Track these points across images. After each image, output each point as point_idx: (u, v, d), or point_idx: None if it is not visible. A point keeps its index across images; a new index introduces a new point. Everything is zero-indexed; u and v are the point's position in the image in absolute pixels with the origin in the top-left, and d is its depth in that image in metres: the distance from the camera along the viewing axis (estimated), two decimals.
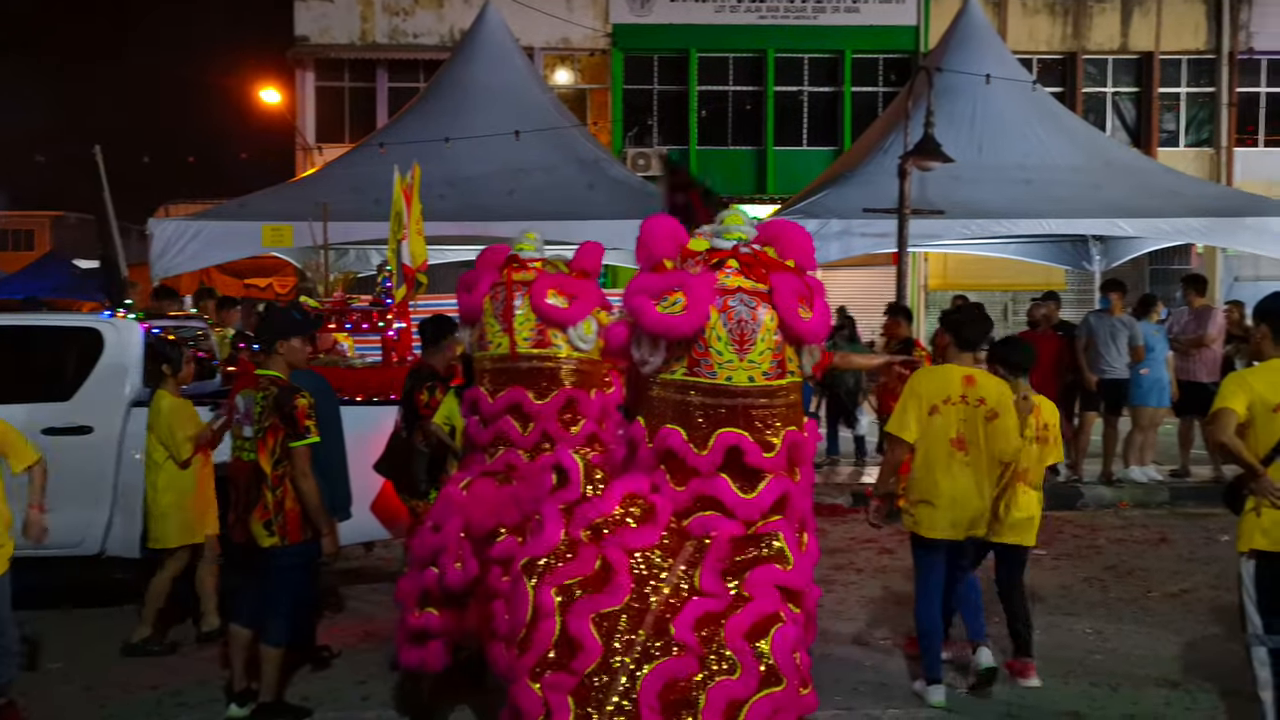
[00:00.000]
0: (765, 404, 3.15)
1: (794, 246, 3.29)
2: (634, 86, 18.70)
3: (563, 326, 4.04)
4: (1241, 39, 18.58)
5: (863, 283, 17.02)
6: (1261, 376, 3.96)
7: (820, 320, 3.20)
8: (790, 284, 3.16)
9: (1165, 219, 10.72)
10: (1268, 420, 3.88)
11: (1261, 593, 3.92)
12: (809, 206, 10.98)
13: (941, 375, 4.59)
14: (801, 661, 3.07)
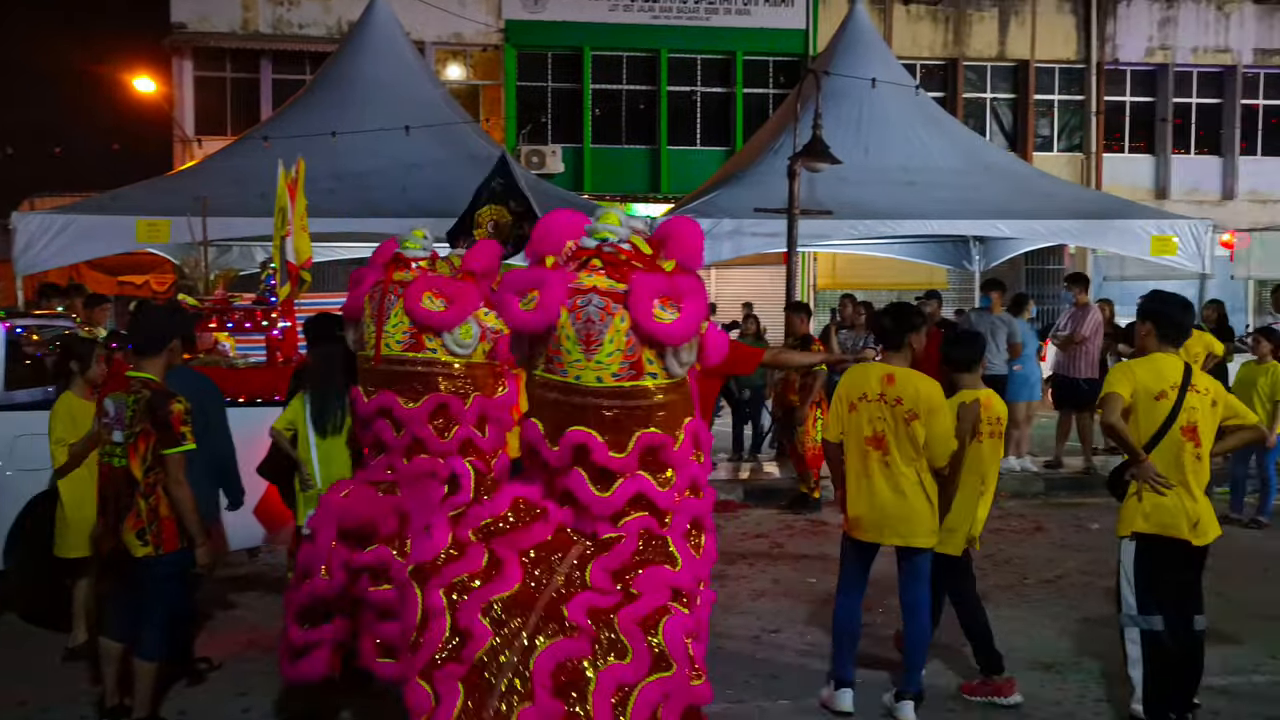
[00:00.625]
0: (617, 405, 3.15)
1: (679, 246, 3.29)
2: (527, 83, 18.57)
3: (437, 331, 3.92)
4: (1108, 50, 19.52)
5: (754, 282, 17.29)
6: (1144, 367, 4.23)
7: (684, 322, 3.13)
8: (649, 285, 3.13)
9: (1040, 221, 11.18)
10: (1150, 408, 4.15)
11: (1139, 574, 4.15)
12: (701, 206, 11.08)
13: (860, 372, 4.54)
14: (694, 651, 3.09)
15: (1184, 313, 4.33)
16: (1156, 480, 4.12)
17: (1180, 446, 4.16)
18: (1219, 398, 4.25)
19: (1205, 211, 16.77)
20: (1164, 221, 11.39)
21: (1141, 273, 16.23)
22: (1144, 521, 4.16)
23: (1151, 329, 4.30)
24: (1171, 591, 4.16)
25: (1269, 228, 19.76)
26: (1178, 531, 4.14)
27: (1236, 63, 19.69)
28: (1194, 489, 4.17)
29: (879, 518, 4.36)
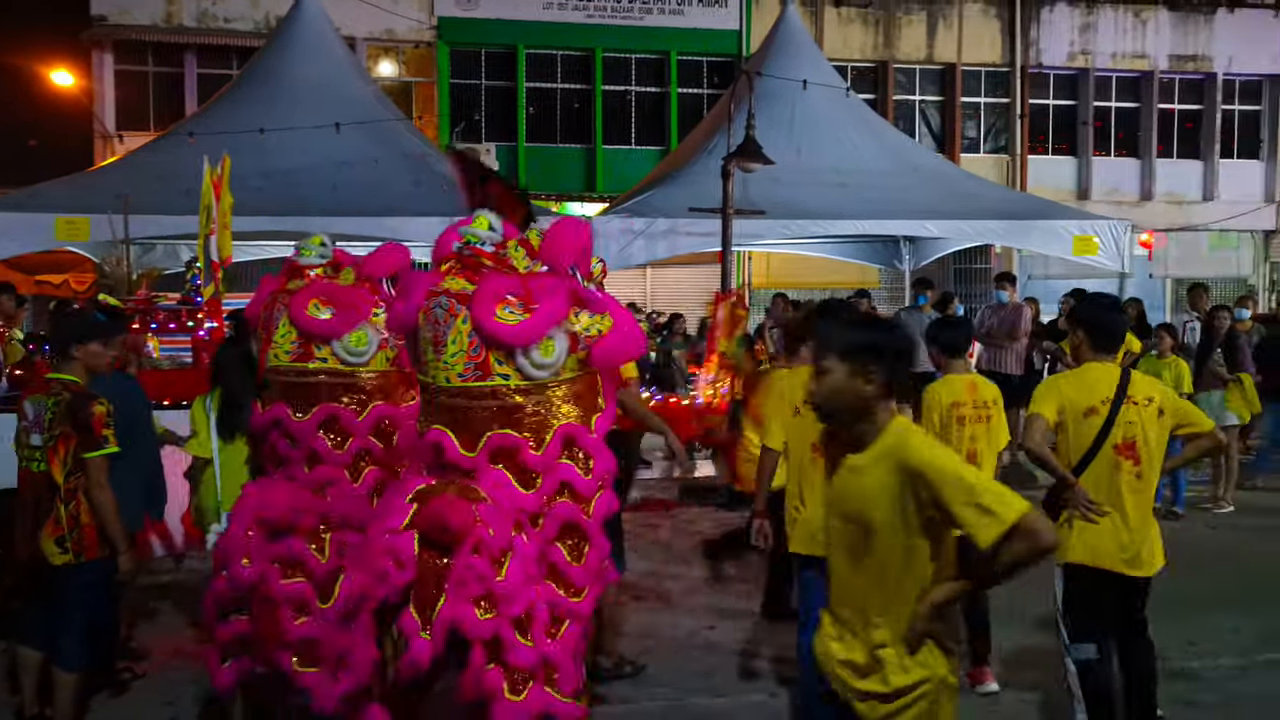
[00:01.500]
0: (465, 405, 3.17)
1: (553, 246, 3.30)
2: (461, 81, 18.41)
3: (324, 339, 3.72)
4: (1032, 54, 20.01)
5: (690, 281, 17.39)
6: (1073, 381, 3.89)
7: (531, 324, 3.10)
8: (494, 286, 3.15)
9: (967, 221, 11.42)
10: (1079, 425, 3.77)
11: (1068, 604, 3.84)
12: (636, 205, 11.12)
13: (802, 374, 4.22)
14: (562, 664, 3.07)
15: (1116, 317, 3.99)
16: (1087, 507, 3.73)
17: (1114, 467, 3.74)
18: (1167, 405, 3.81)
19: (1124, 212, 17.28)
20: (1085, 222, 11.72)
21: (1064, 272, 16.68)
22: (1073, 550, 3.78)
23: (1084, 338, 3.92)
24: (1110, 621, 3.85)
25: (1184, 228, 20.49)
26: (1109, 562, 3.75)
27: (1153, 68, 20.33)
28: (1130, 514, 3.75)
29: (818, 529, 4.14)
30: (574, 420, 3.25)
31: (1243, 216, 20.46)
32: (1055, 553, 3.65)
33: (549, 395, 3.23)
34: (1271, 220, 20.78)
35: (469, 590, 2.91)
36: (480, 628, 2.92)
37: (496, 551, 2.97)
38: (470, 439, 3.18)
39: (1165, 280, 20.53)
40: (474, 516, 2.97)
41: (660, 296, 17.96)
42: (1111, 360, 3.87)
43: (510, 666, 2.95)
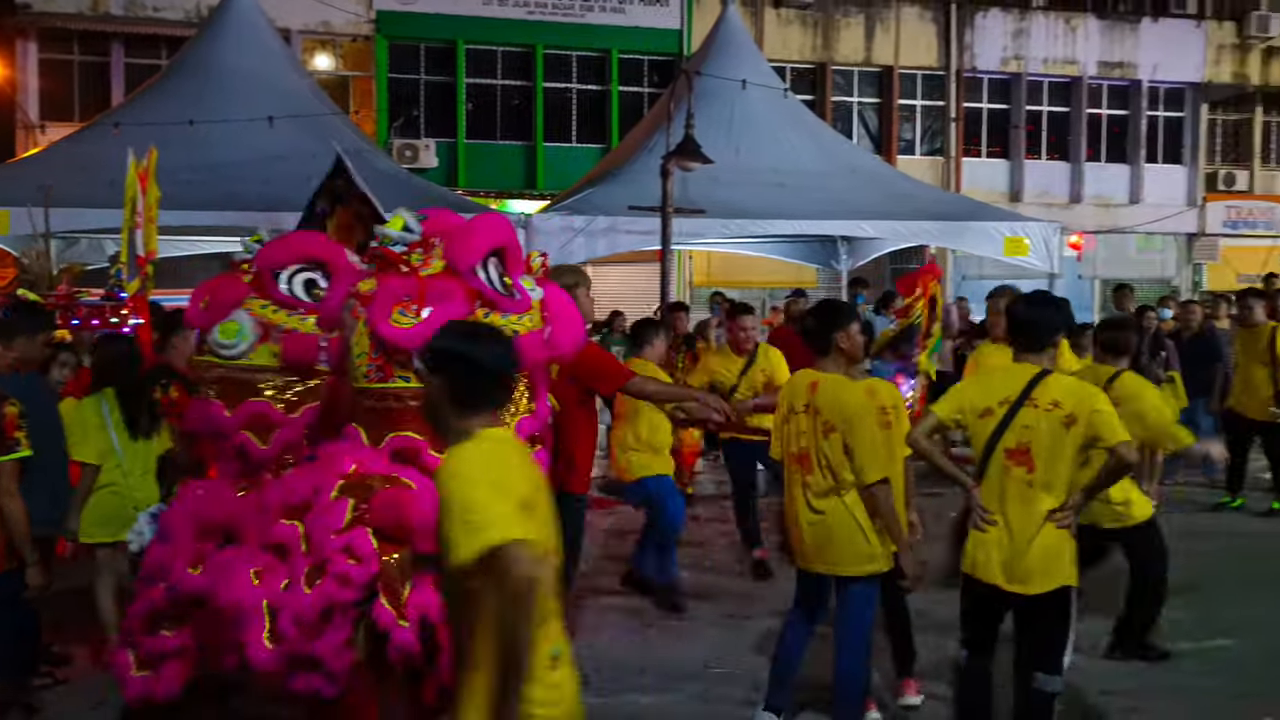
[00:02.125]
0: (371, 405, 3.19)
1: (456, 246, 3.28)
2: (400, 75, 18.19)
3: (202, 333, 3.59)
4: (967, 59, 20.38)
5: (630, 279, 17.38)
6: (979, 381, 3.81)
7: (424, 328, 3.04)
8: (391, 289, 3.15)
9: (902, 222, 11.59)
10: (976, 427, 3.58)
11: (962, 612, 3.69)
12: (576, 203, 11.09)
13: (796, 378, 4.09)
14: None
15: (1041, 313, 3.67)
16: (979, 513, 3.52)
17: (1004, 472, 3.48)
18: (1082, 412, 3.41)
19: (1054, 214, 17.68)
20: (1016, 224, 11.96)
21: (997, 272, 17.00)
22: (965, 558, 3.60)
23: (1014, 338, 3.73)
24: (992, 634, 3.64)
25: (1111, 230, 21.04)
26: (987, 573, 3.50)
27: (1082, 74, 20.83)
28: (1015, 524, 3.46)
29: (803, 543, 3.95)
30: None
31: (1167, 220, 21.07)
32: None
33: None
34: (1194, 223, 21.43)
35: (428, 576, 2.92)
36: None
37: None
38: (375, 437, 3.23)
39: (1094, 281, 21.06)
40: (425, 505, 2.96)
41: (601, 294, 17.87)
42: (1037, 359, 3.56)
43: None
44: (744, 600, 5.98)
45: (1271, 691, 4.67)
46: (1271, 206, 21.28)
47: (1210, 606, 5.85)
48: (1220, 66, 21.38)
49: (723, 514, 8.03)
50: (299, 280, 3.61)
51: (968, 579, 3.60)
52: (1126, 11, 21.11)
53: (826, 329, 3.92)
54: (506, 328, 3.18)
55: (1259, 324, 8.31)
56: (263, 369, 3.56)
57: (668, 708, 4.56)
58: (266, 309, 3.58)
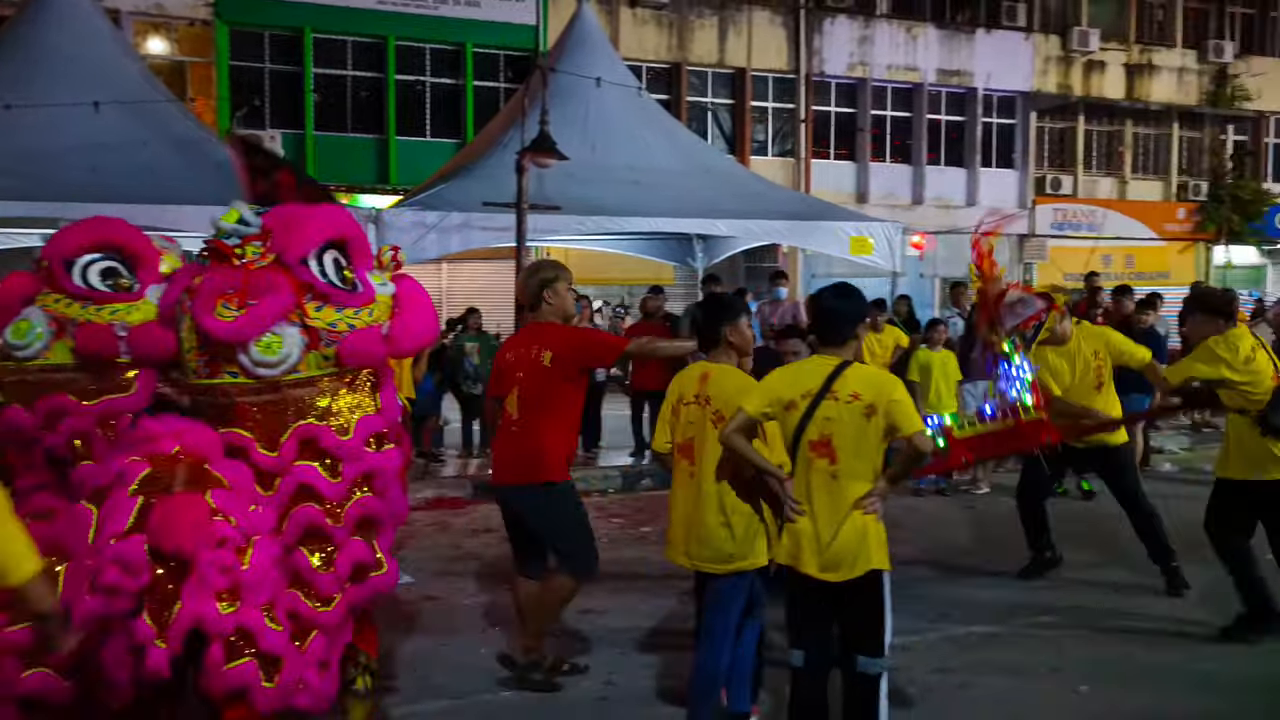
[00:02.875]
0: (202, 401, 3.15)
1: (284, 237, 3.17)
2: (242, 63, 17.45)
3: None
4: (815, 63, 21.03)
5: (485, 277, 17.22)
6: (786, 373, 3.70)
7: (243, 322, 2.97)
8: (216, 282, 3.03)
9: (754, 220, 11.87)
10: (782, 419, 3.58)
11: (787, 603, 3.65)
12: (429, 199, 10.89)
13: (688, 370, 4.07)
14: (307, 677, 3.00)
15: (840, 305, 3.66)
16: (790, 504, 3.54)
17: (808, 464, 3.52)
18: (880, 402, 3.46)
19: (898, 215, 18.43)
20: (862, 224, 12.43)
21: (846, 271, 17.59)
22: (780, 550, 3.63)
23: (815, 331, 3.75)
24: (819, 627, 3.61)
25: (951, 231, 22.09)
26: (802, 565, 3.52)
27: (922, 80, 21.80)
28: (821, 515, 3.49)
29: (685, 537, 3.96)
30: (317, 421, 3.09)
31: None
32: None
33: (286, 395, 3.08)
34: (1024, 225, 22.74)
35: (212, 585, 2.79)
36: (222, 623, 2.80)
37: (240, 540, 2.86)
38: None
39: (934, 279, 22.09)
40: (208, 512, 2.83)
41: (456, 291, 17.68)
42: (836, 353, 3.59)
43: (264, 653, 2.86)
44: (587, 595, 6.00)
45: (1088, 665, 5.00)
46: (1093, 210, 22.80)
47: (1033, 586, 6.22)
48: (1047, 77, 22.77)
49: None
50: (95, 270, 3.41)
51: (788, 573, 3.60)
52: (963, 22, 22.21)
53: (715, 322, 3.99)
54: (341, 322, 3.08)
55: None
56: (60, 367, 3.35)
57: (521, 704, 4.53)
58: (59, 303, 3.35)
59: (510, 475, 4.55)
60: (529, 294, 4.65)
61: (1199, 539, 5.99)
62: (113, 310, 3.39)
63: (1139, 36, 23.64)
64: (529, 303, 4.67)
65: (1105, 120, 23.72)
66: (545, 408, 4.44)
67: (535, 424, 4.44)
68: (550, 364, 4.42)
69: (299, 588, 2.99)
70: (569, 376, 4.46)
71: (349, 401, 3.15)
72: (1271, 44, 24.88)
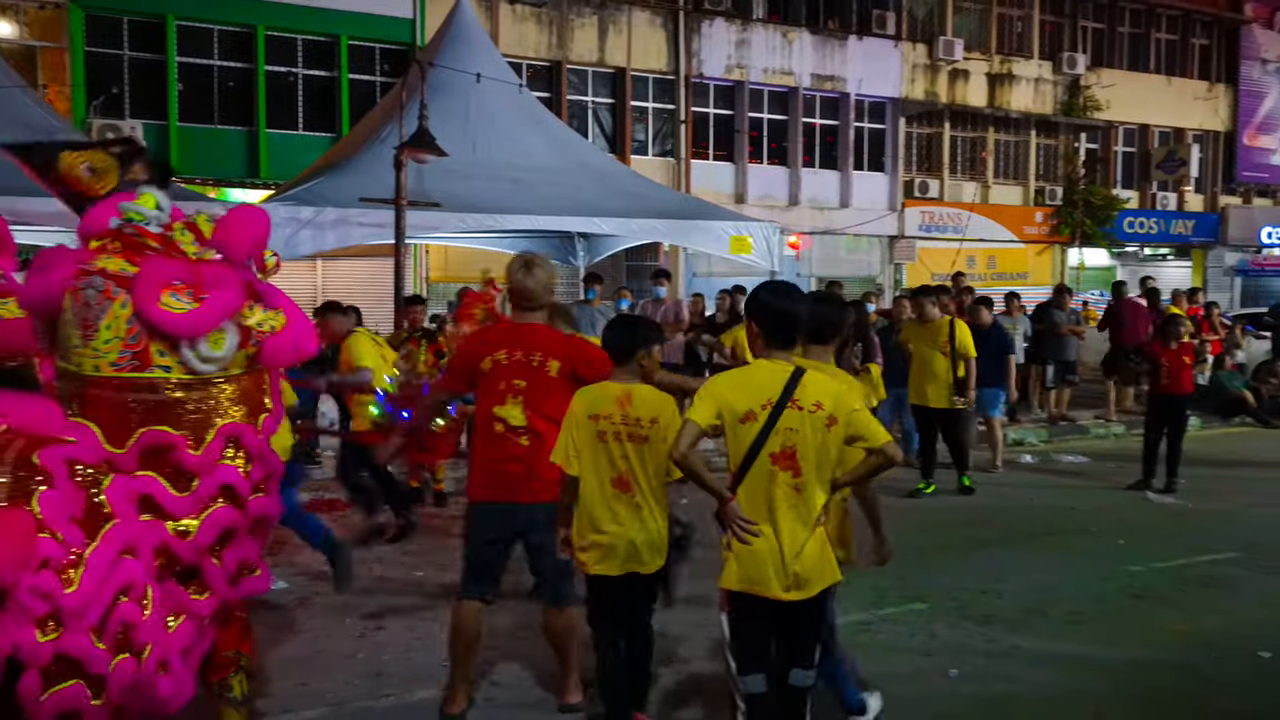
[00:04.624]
0: (116, 397, 2.95)
1: (230, 234, 3.12)
2: (99, 50, 16.57)
3: None
4: (695, 65, 21.29)
5: (364, 274, 16.82)
6: (734, 381, 3.45)
7: (199, 314, 2.95)
8: (160, 271, 2.95)
9: (635, 219, 11.93)
10: (735, 432, 3.37)
11: (734, 632, 3.47)
12: (304, 194, 10.57)
13: (599, 390, 3.94)
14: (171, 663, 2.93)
15: (794, 306, 3.47)
16: (741, 525, 3.33)
17: (770, 478, 3.33)
18: (841, 413, 3.35)
19: (775, 215, 18.83)
20: (741, 224, 12.64)
21: (725, 270, 17.94)
22: (729, 575, 3.41)
23: (758, 330, 3.47)
24: (770, 647, 3.48)
25: (825, 231, 22.72)
26: (765, 588, 3.35)
27: (798, 84, 22.32)
28: (785, 531, 3.33)
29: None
30: (239, 420, 3.06)
31: (871, 223, 23.01)
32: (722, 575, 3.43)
33: (213, 391, 3.03)
34: (894, 226, 23.54)
35: (32, 612, 2.59)
36: (39, 652, 2.59)
37: (66, 559, 2.66)
38: (119, 434, 2.92)
39: (810, 278, 22.64)
40: (31, 529, 2.62)
41: (333, 289, 17.20)
42: (787, 357, 3.45)
43: (91, 677, 2.69)
44: None
45: (957, 648, 5.22)
46: (958, 213, 23.75)
47: (908, 574, 6.45)
48: (915, 84, 23.62)
49: None
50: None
51: (738, 598, 3.41)
52: (835, 29, 22.84)
53: (633, 345, 3.93)
54: (266, 322, 3.04)
55: (935, 319, 9.17)
56: None
57: (403, 709, 4.45)
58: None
59: (520, 491, 4.12)
60: (535, 293, 4.29)
61: (1059, 525, 6.31)
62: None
63: (999, 47, 24.76)
64: (530, 303, 4.31)
65: (969, 127, 24.76)
66: (551, 420, 4.08)
67: (547, 436, 4.08)
68: (557, 375, 4.13)
69: (184, 579, 2.89)
70: (570, 389, 4.09)
71: (256, 401, 3.08)
72: (1120, 58, 26.42)
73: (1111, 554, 7.08)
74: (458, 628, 4.24)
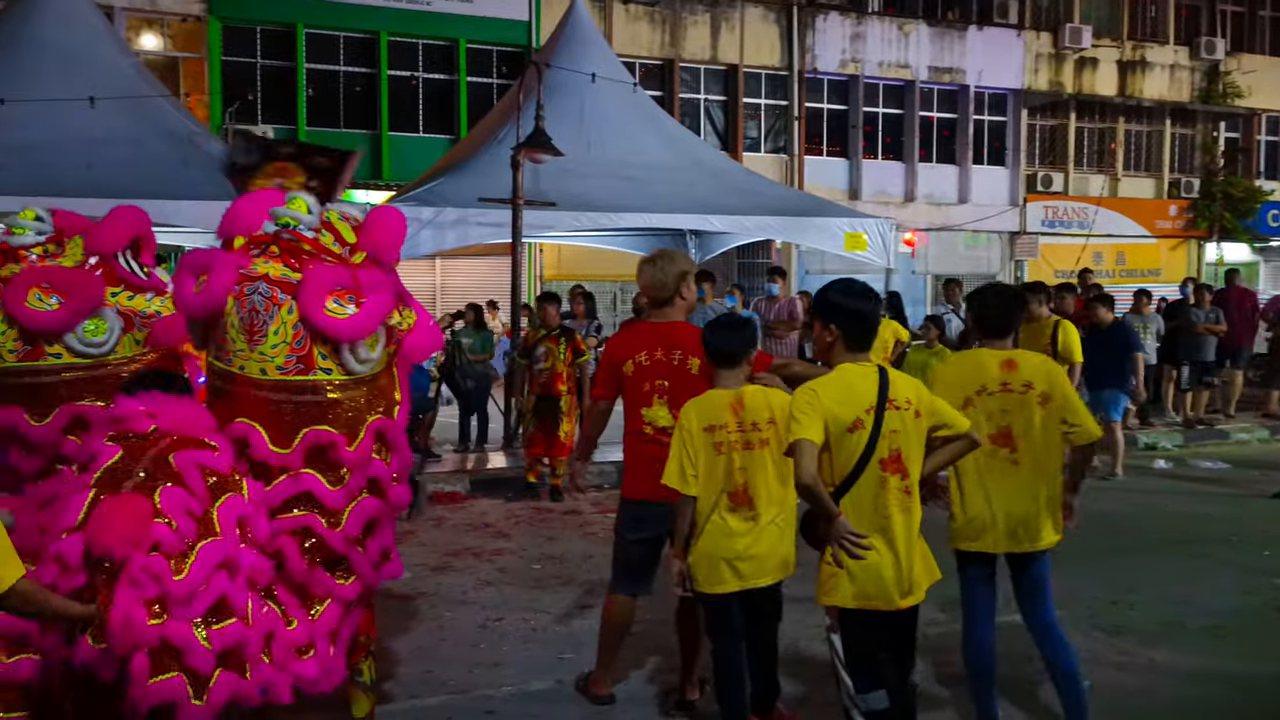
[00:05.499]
0: (283, 399, 3.04)
1: (372, 238, 3.22)
2: (235, 59, 17.40)
3: (55, 334, 3.26)
4: (808, 60, 21.05)
5: (480, 272, 17.21)
6: (832, 389, 3.26)
7: (361, 318, 3.04)
8: (324, 277, 3.04)
9: (748, 217, 11.88)
10: (842, 443, 3.22)
11: (850, 652, 3.32)
12: (424, 194, 10.88)
13: (706, 400, 3.79)
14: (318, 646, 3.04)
15: (872, 306, 3.39)
16: (852, 541, 3.19)
17: (881, 485, 3.23)
18: (923, 406, 3.33)
19: (890, 212, 18.49)
20: (855, 220, 12.45)
21: (839, 267, 17.68)
22: (841, 592, 3.26)
23: (839, 334, 3.33)
24: (889, 658, 3.38)
25: (942, 228, 22.17)
26: (886, 601, 3.25)
27: (914, 78, 21.84)
28: (899, 537, 3.24)
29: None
30: (383, 415, 3.19)
31: (991, 219, 22.36)
32: (820, 591, 3.32)
33: (364, 390, 3.16)
34: (1015, 222, 22.81)
35: (142, 592, 2.68)
36: (147, 634, 2.67)
37: (178, 547, 2.76)
38: (284, 434, 3.04)
39: (926, 276, 22.15)
40: (148, 514, 2.74)
41: (451, 288, 17.69)
42: (867, 359, 3.34)
43: (191, 670, 2.74)
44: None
45: (1088, 659, 5.01)
46: (1084, 207, 22.89)
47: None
48: (1038, 75, 22.83)
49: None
50: (131, 259, 3.43)
51: (853, 615, 3.28)
52: (954, 20, 22.26)
53: (743, 347, 3.82)
54: (404, 321, 3.19)
55: (1041, 319, 8.78)
56: (72, 366, 3.31)
57: (522, 698, 4.54)
58: (120, 296, 3.36)
59: (671, 491, 3.93)
60: (666, 285, 4.18)
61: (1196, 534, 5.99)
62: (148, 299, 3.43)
63: (1131, 33, 23.73)
64: (662, 296, 4.22)
65: (1097, 117, 23.81)
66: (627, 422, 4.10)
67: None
68: (699, 372, 4.05)
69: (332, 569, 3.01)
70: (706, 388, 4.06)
71: (391, 396, 3.31)
72: (1262, 42, 24.99)
73: (1256, 565, 6.70)
74: (609, 620, 4.31)
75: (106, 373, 3.32)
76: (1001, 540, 3.83)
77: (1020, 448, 3.77)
